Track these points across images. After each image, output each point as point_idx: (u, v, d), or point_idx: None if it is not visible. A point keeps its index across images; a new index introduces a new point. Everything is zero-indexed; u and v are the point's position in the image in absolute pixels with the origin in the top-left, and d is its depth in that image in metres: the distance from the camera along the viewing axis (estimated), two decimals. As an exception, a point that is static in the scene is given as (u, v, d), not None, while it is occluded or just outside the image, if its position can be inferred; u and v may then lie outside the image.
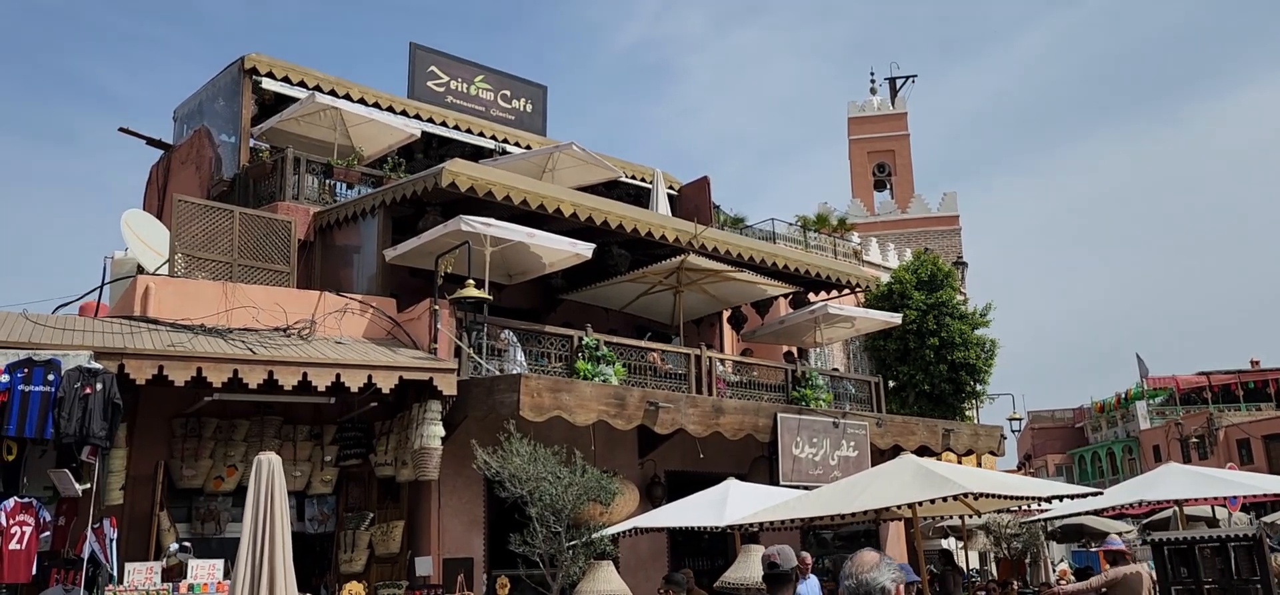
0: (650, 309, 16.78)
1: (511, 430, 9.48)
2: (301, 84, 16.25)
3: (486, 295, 11.19)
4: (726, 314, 18.42)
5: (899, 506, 8.52)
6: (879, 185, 32.86)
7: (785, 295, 17.90)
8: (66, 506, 9.69)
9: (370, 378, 10.25)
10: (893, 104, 33.32)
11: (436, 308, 11.66)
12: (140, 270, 12.64)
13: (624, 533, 10.54)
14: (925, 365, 21.59)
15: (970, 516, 13.27)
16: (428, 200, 12.93)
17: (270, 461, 6.10)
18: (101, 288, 12.20)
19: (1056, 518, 16.00)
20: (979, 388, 22.11)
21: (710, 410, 12.41)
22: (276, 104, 16.16)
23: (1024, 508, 14.29)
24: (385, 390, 10.36)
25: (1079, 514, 16.57)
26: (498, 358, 12.22)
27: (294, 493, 11.40)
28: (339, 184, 15.50)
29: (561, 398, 10.62)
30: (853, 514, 9.05)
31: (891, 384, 21.60)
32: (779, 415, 13.12)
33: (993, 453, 16.37)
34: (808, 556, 11.96)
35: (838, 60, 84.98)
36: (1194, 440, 44.68)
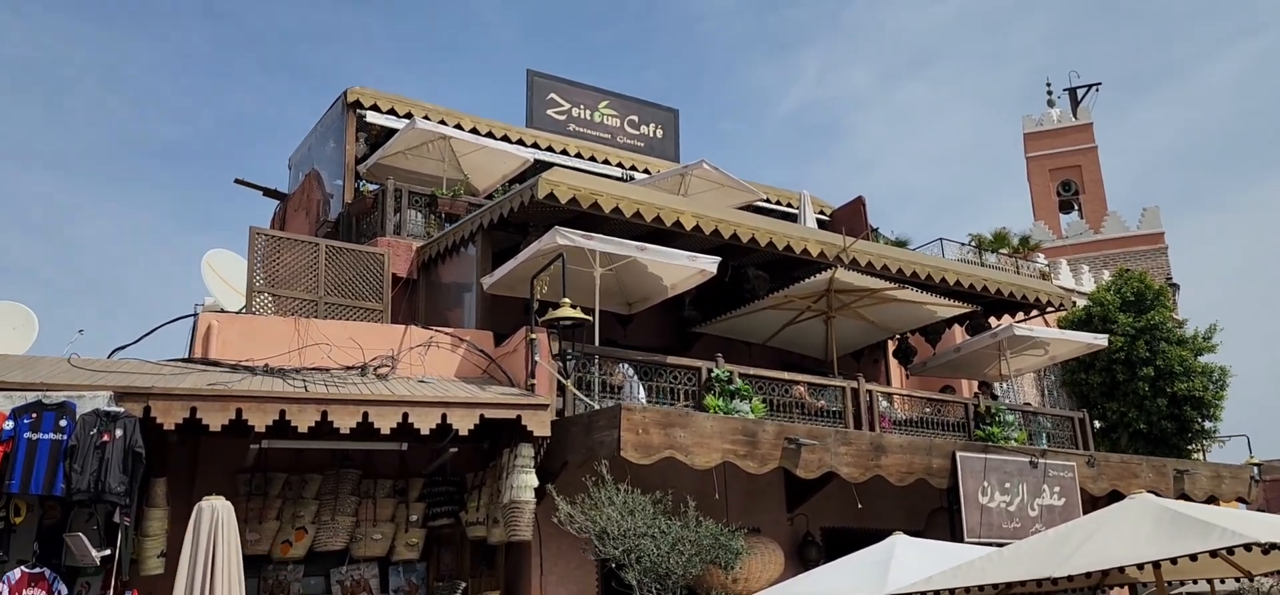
0: (798, 341, 14.52)
1: (603, 474, 7.49)
2: (408, 116, 15.13)
3: (584, 315, 9.34)
4: (891, 347, 15.90)
5: (1141, 566, 5.96)
6: (1065, 206, 29.17)
7: (960, 320, 15.22)
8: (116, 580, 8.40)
9: (444, 417, 8.54)
10: (1074, 115, 29.70)
11: (532, 337, 9.89)
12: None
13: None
14: (1139, 400, 18.12)
15: (1223, 582, 10.20)
16: (529, 220, 11.30)
17: (214, 510, 4.41)
18: (179, 327, 11.10)
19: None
20: (1208, 424, 18.37)
21: (868, 449, 10.03)
22: (383, 140, 15.09)
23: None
24: (463, 432, 8.62)
25: (1365, 577, 12.91)
26: (613, 395, 10.31)
27: (376, 559, 9.81)
28: (447, 220, 14.18)
29: (675, 435, 8.56)
30: (1069, 579, 6.50)
31: (1097, 425, 18.27)
32: (958, 454, 10.56)
33: (1243, 500, 13.06)
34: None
35: (1012, 105, 79.67)
36: None
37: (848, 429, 10.74)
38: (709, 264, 10.83)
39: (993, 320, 15.60)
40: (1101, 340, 14.72)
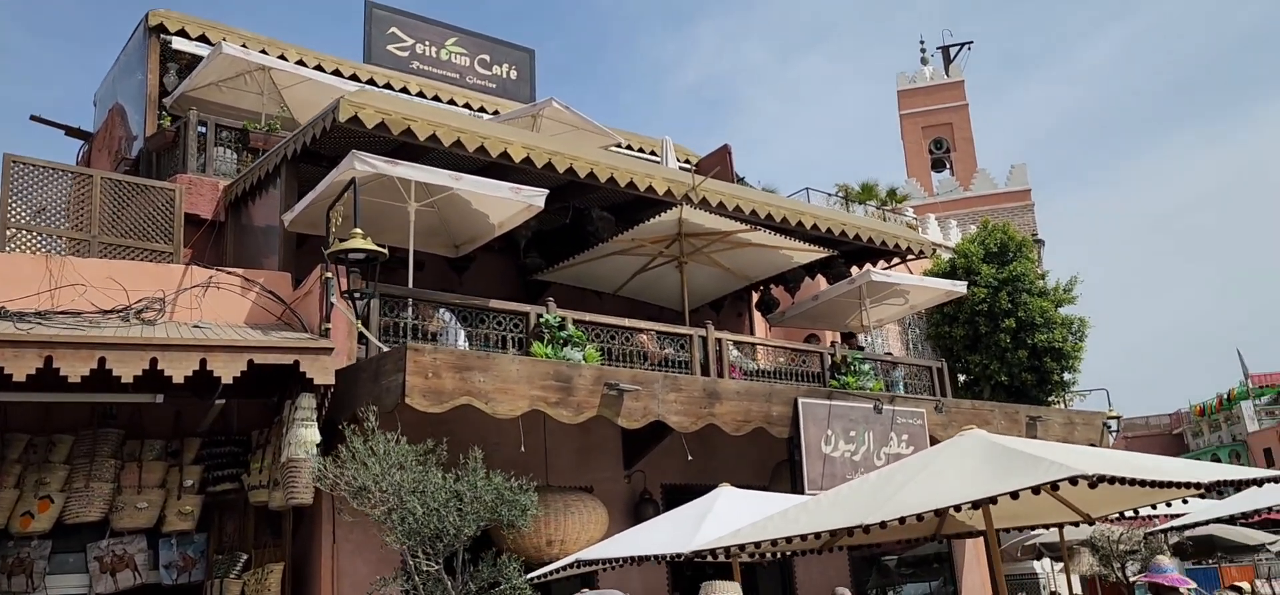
0: (652, 290, 13.69)
1: (371, 423, 6.47)
2: (223, 44, 13.60)
3: (377, 248, 8.24)
4: (755, 299, 15.25)
5: (959, 508, 5.26)
6: (937, 165, 29.24)
7: (822, 268, 14.61)
8: None
9: (204, 363, 7.34)
10: (947, 73, 29.75)
11: (328, 275, 8.74)
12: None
13: (568, 568, 7.38)
14: (1000, 353, 17.93)
15: (1074, 526, 9.77)
16: (340, 152, 10.08)
17: None
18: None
19: (1186, 527, 12.36)
20: (1068, 376, 18.34)
21: (700, 396, 9.24)
22: (193, 69, 13.55)
23: (1143, 514, 10.75)
24: (227, 379, 7.44)
25: (1209, 522, 12.88)
26: (430, 343, 9.25)
27: (143, 530, 8.55)
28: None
29: (473, 379, 7.57)
30: (900, 525, 5.77)
31: (961, 379, 18.04)
32: (800, 401, 9.90)
33: (1093, 446, 12.82)
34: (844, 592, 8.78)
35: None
36: (1312, 440, 39.79)
37: (678, 376, 9.92)
38: (536, 197, 9.83)
39: (855, 270, 15.08)
40: (960, 287, 14.36)
